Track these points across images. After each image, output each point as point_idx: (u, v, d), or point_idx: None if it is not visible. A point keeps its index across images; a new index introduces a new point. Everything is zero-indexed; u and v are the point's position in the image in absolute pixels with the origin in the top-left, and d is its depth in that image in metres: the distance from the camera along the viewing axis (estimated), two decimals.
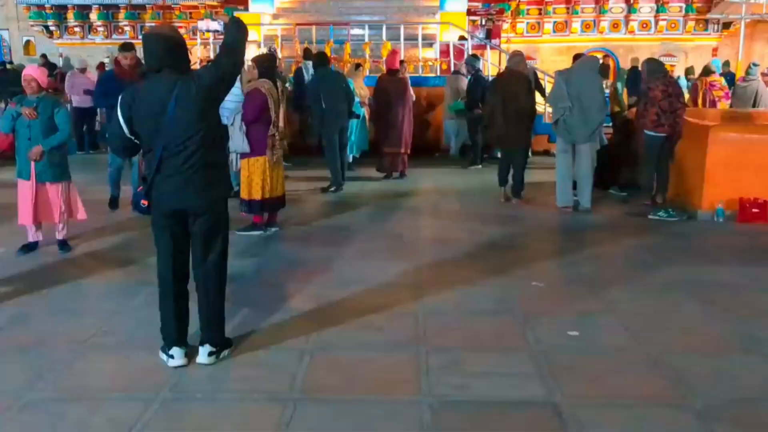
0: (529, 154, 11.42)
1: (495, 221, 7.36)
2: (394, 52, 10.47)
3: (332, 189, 8.94)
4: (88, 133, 13.02)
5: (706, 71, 11.37)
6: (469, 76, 10.98)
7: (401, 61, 10.40)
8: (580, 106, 7.47)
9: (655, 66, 7.60)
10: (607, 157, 8.31)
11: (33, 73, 5.82)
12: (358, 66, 11.34)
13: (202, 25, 14.33)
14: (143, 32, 10.07)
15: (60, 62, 17.82)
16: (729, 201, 7.18)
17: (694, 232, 6.89)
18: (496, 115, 8.04)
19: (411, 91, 10.27)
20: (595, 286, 5.23)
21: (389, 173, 9.95)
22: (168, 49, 3.60)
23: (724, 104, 10.51)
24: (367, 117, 10.70)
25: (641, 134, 7.59)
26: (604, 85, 9.09)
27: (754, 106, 10.71)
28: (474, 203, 8.32)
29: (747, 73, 11.17)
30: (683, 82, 12.13)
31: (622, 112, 9.77)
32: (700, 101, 11.13)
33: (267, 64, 6.67)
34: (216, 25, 13.75)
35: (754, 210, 7.10)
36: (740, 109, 10.50)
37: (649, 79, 7.42)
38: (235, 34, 3.74)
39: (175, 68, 3.60)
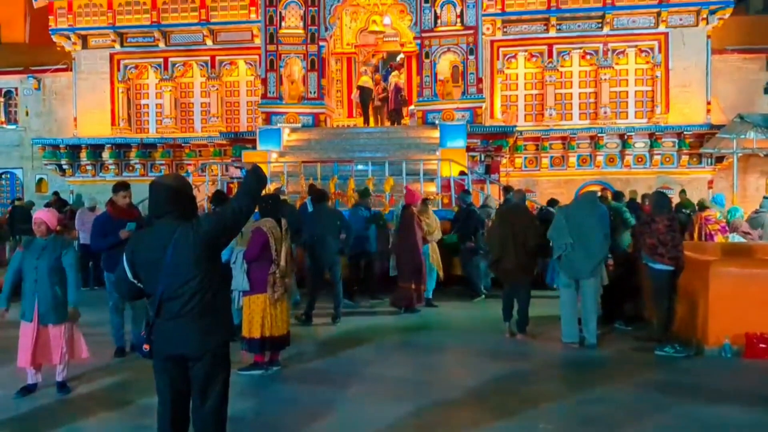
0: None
1: (500, 358, 7.25)
2: (409, 190, 10.69)
3: (302, 314, 9.03)
4: (93, 270, 13.13)
5: (701, 206, 11.66)
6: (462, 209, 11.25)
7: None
8: (582, 241, 7.57)
9: (661, 200, 7.76)
10: (611, 291, 8.32)
11: (43, 216, 5.96)
12: (425, 201, 10.71)
13: (230, 172, 15.52)
14: (153, 177, 10.38)
15: (71, 199, 18.35)
16: (735, 336, 7.09)
17: (702, 370, 6.77)
18: (503, 248, 8.12)
19: (421, 224, 10.08)
20: (604, 427, 5.10)
21: (400, 308, 9.89)
22: (170, 197, 3.74)
23: (721, 237, 10.65)
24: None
25: (644, 267, 7.63)
26: (624, 207, 9.29)
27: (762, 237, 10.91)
28: (479, 339, 8.21)
29: (760, 206, 11.53)
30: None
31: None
32: (696, 235, 11.31)
33: (269, 204, 6.81)
34: (239, 173, 14.54)
35: (761, 345, 7.01)
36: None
37: (655, 212, 7.56)
38: (251, 184, 3.84)
39: (176, 215, 3.72)
